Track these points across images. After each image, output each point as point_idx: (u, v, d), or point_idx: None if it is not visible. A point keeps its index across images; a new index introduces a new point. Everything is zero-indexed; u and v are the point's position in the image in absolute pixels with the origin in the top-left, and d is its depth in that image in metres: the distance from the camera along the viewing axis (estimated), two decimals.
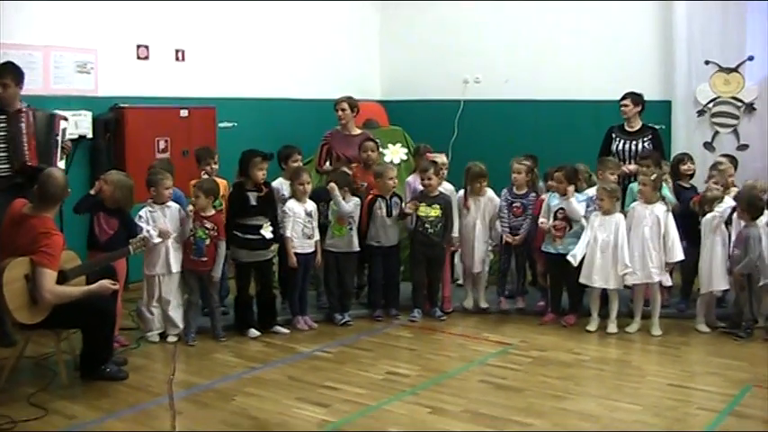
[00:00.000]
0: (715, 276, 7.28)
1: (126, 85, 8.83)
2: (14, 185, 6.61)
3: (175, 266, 7.07)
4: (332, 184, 7.51)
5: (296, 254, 7.40)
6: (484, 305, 8.09)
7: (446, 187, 8.04)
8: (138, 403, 5.65)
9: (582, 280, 7.39)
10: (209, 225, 7.05)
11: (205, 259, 7.05)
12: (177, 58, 9.43)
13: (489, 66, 11.07)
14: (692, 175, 8.18)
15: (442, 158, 8.20)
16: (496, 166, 8.09)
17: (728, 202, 7.31)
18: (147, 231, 6.72)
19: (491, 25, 11.03)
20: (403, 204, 7.83)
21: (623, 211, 7.49)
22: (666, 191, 7.62)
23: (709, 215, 7.29)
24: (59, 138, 7.03)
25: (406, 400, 5.75)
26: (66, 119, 7.29)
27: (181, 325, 7.13)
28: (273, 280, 7.61)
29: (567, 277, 7.60)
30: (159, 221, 6.97)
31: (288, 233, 7.35)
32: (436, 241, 7.79)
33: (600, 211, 7.34)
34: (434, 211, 7.74)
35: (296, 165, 7.79)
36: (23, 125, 6.77)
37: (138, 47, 9.04)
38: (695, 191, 7.99)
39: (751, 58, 9.50)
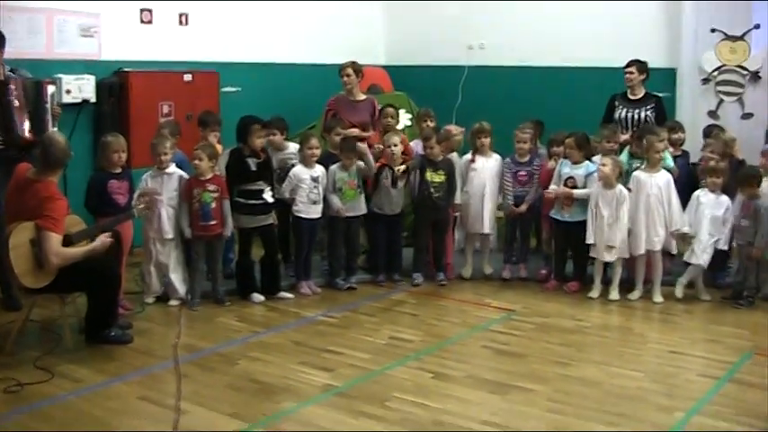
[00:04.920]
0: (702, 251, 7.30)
1: (130, 50, 8.80)
2: (8, 159, 6.45)
3: (170, 233, 7.08)
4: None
5: (302, 219, 7.45)
6: (488, 271, 8.14)
7: (454, 155, 8.07)
8: (143, 367, 5.70)
9: (593, 254, 7.44)
10: (211, 187, 7.06)
11: (214, 222, 7.07)
12: (181, 23, 9.38)
13: (494, 31, 11.00)
14: (682, 143, 8.17)
15: (458, 132, 8.24)
16: (501, 131, 8.11)
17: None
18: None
19: None
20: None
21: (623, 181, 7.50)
22: (668, 158, 7.63)
23: (698, 192, 7.32)
24: (48, 104, 6.93)
25: (410, 366, 5.80)
26: (53, 83, 7.22)
27: (181, 290, 7.15)
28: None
29: (573, 244, 7.64)
30: (155, 188, 6.98)
31: (287, 194, 7.44)
32: (441, 205, 7.82)
33: (600, 179, 7.33)
34: (439, 177, 7.75)
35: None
36: (14, 98, 6.64)
37: (142, 11, 9.00)
38: (687, 157, 8.04)
39: (757, 27, 9.45)
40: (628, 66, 8.49)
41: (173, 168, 7.12)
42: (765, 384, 5.47)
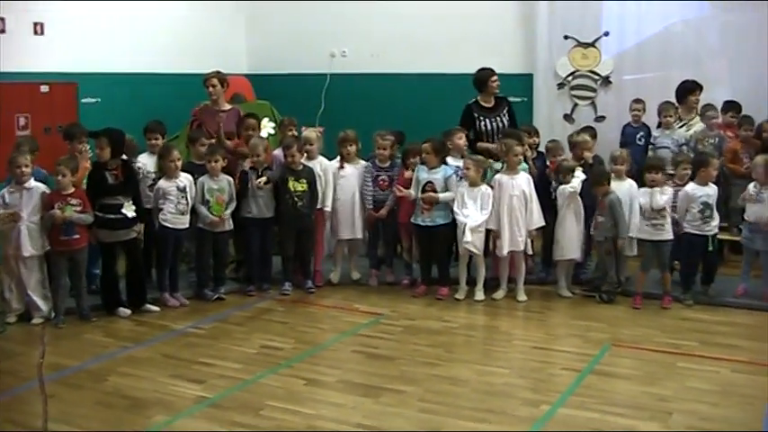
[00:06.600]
0: (571, 245, 7.57)
1: None
2: None
3: (29, 250, 6.85)
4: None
5: (168, 228, 7.36)
6: (356, 276, 8.22)
7: (322, 161, 8.11)
8: (7, 389, 5.53)
9: (463, 250, 7.57)
10: (74, 201, 6.90)
11: (77, 236, 6.91)
12: (36, 32, 9.10)
13: (355, 40, 11.14)
14: (537, 146, 8.37)
15: (314, 131, 8.26)
16: (363, 138, 8.20)
17: (581, 174, 7.57)
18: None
19: None
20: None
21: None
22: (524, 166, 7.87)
23: (563, 187, 7.56)
24: None
25: (282, 373, 5.83)
26: None
27: (43, 308, 6.94)
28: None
29: (436, 248, 7.77)
30: (14, 204, 6.77)
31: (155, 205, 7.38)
32: (305, 212, 7.83)
33: (467, 181, 7.52)
34: (301, 185, 7.77)
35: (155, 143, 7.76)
36: None
37: None
38: (543, 158, 8.24)
39: (607, 34, 9.93)
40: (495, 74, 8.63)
41: (32, 183, 6.90)
42: (624, 374, 5.78)
